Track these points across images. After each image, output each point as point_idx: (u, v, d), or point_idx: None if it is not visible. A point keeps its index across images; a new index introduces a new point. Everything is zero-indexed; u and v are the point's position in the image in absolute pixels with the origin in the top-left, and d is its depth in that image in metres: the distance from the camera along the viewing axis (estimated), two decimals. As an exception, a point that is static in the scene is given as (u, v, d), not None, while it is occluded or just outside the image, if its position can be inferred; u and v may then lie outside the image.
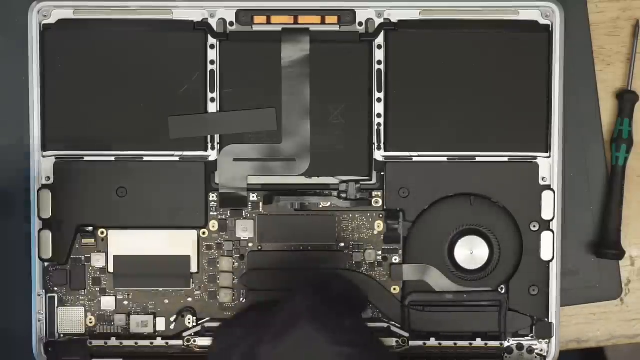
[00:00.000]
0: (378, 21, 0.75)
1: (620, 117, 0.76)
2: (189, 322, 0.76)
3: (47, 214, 0.74)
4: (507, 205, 0.75)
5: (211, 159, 0.75)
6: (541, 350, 0.76)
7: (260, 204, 0.75)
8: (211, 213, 0.75)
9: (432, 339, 0.75)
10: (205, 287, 0.75)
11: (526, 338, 0.76)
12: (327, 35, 0.74)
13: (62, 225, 0.74)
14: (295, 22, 0.74)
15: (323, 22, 0.74)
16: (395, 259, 0.75)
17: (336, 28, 0.75)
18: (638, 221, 0.78)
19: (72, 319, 0.75)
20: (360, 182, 0.75)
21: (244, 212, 0.75)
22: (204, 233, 0.75)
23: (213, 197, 0.75)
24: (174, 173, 0.74)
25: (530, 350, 0.76)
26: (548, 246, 0.75)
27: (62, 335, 0.75)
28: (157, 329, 0.76)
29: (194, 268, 0.75)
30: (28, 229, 0.75)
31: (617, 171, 0.76)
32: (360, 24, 0.75)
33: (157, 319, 0.76)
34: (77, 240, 0.75)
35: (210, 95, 0.74)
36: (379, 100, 0.75)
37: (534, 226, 0.75)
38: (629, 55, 0.77)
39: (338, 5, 0.74)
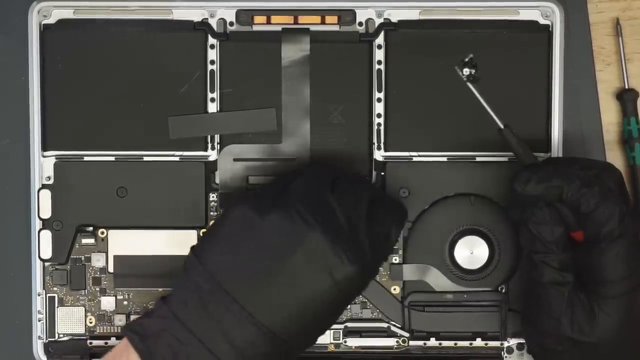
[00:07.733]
0: (378, 21, 0.75)
1: (626, 117, 0.76)
2: (189, 322, 0.75)
3: (47, 214, 0.74)
4: (507, 205, 0.75)
5: (211, 159, 0.75)
6: (541, 350, 0.76)
7: (260, 204, 0.75)
8: (211, 213, 0.75)
9: (432, 339, 0.75)
10: (205, 287, 0.75)
11: (526, 338, 0.76)
12: (327, 35, 0.74)
13: (62, 225, 0.74)
14: (295, 22, 0.74)
15: (323, 22, 0.74)
16: (395, 259, 0.75)
17: (336, 28, 0.75)
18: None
19: (72, 319, 0.75)
20: (360, 182, 0.75)
21: (244, 212, 0.75)
22: (204, 233, 0.75)
23: (213, 197, 0.75)
24: (174, 173, 0.74)
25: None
26: (548, 246, 0.75)
27: (62, 335, 0.75)
28: (157, 329, 0.76)
29: (194, 268, 0.75)
30: (28, 229, 0.75)
31: (636, 171, 0.76)
32: (360, 24, 0.75)
33: (157, 319, 0.76)
34: (77, 240, 0.75)
35: (210, 95, 0.74)
36: (379, 100, 0.75)
37: (534, 226, 0.75)
38: (628, 56, 0.77)
39: (338, 5, 0.74)
